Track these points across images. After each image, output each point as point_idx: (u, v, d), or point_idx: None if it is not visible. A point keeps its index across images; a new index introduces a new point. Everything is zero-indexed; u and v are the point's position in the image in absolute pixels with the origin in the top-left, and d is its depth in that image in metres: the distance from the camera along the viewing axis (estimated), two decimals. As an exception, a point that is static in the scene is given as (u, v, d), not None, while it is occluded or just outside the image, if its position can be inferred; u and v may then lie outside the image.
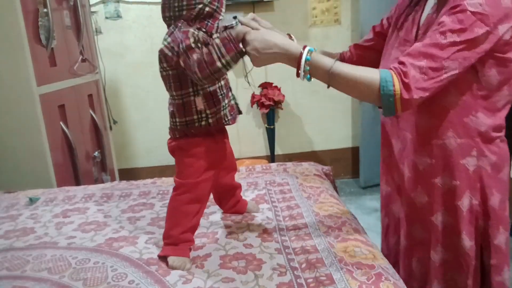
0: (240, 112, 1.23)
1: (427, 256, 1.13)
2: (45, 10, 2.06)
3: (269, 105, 3.14)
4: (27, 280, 1.06)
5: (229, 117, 1.16)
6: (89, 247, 1.22)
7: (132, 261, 1.12)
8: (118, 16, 3.15)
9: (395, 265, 1.23)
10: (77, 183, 2.27)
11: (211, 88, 1.12)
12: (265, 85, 3.22)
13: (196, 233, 1.20)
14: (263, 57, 1.00)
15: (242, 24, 1.03)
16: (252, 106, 3.28)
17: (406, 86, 0.94)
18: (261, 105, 3.17)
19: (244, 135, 3.35)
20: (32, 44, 1.96)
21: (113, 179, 2.75)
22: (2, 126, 1.99)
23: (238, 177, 1.40)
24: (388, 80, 0.95)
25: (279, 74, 3.18)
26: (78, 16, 2.45)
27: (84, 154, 2.42)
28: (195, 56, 1.02)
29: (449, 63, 0.94)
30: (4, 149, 2.00)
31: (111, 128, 2.96)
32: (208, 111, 1.12)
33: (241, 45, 1.01)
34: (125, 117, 3.32)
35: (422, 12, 1.11)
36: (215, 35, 1.08)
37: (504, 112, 1.07)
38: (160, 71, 1.12)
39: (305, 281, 0.98)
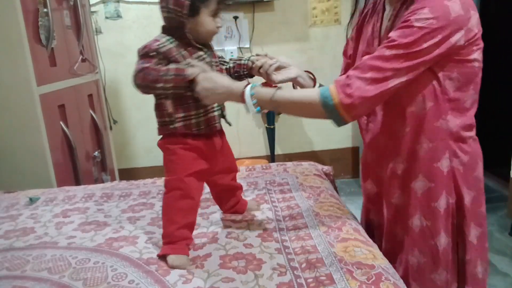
0: (220, 126, 1.22)
1: (406, 259, 1.15)
2: (45, 10, 2.06)
3: (269, 105, 3.13)
4: (27, 280, 1.06)
5: (202, 127, 1.16)
6: (89, 247, 1.22)
7: (132, 261, 1.12)
8: (118, 16, 3.15)
9: None
10: (77, 183, 2.27)
11: (183, 94, 1.13)
12: (265, 85, 3.22)
13: (196, 233, 1.20)
14: (212, 96, 1.09)
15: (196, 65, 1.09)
16: (252, 106, 3.28)
17: (347, 95, 0.99)
18: (261, 105, 3.16)
19: (244, 135, 3.35)
20: (32, 44, 1.96)
21: (113, 179, 2.75)
22: (2, 126, 1.99)
23: (238, 177, 1.40)
24: (326, 93, 1.01)
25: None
26: (78, 16, 2.45)
27: (84, 154, 2.42)
28: (144, 64, 1.08)
29: (394, 73, 0.98)
30: (4, 149, 2.00)
31: (111, 128, 2.96)
32: (175, 116, 1.13)
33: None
34: (125, 117, 3.32)
35: (381, 24, 1.15)
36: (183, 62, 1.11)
37: (472, 111, 1.09)
38: None
39: (305, 281, 0.98)
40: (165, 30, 1.14)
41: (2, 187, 1.87)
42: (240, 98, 1.08)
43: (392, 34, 1.00)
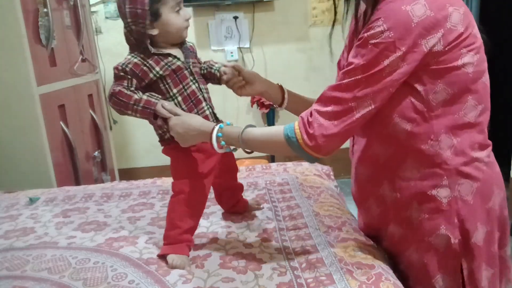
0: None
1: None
2: (45, 10, 2.06)
3: (269, 105, 3.14)
4: (27, 280, 1.06)
5: None
6: (89, 247, 1.22)
7: (132, 261, 1.12)
8: (118, 16, 3.15)
9: None
10: (77, 183, 2.27)
11: (175, 101, 1.13)
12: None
13: (196, 233, 1.20)
14: (187, 139, 1.08)
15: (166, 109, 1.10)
16: (252, 106, 3.28)
17: (309, 136, 0.90)
18: (261, 105, 3.16)
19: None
20: (32, 44, 1.96)
21: (113, 179, 2.75)
22: (2, 126, 1.99)
23: (238, 177, 1.40)
24: (291, 133, 0.93)
25: (279, 73, 3.18)
26: (78, 16, 2.45)
27: (84, 154, 2.42)
28: (116, 87, 1.10)
29: (357, 103, 0.87)
30: (4, 149, 2.00)
31: (111, 128, 2.96)
32: (165, 127, 1.12)
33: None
34: (125, 117, 3.30)
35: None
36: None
37: (481, 126, 0.92)
38: None
39: (305, 281, 0.98)
40: (130, 47, 1.14)
41: (2, 187, 1.87)
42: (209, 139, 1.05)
43: (350, 56, 0.88)
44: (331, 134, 0.89)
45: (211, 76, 1.22)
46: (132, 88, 1.10)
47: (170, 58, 1.13)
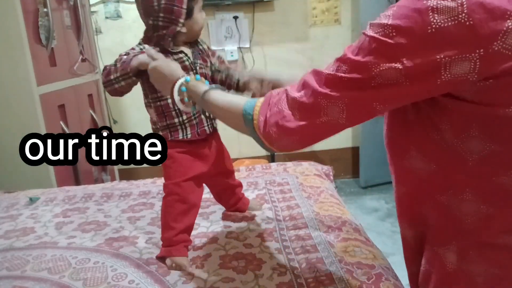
0: (214, 129, 1.21)
1: None
2: (45, 10, 2.06)
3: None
4: (27, 280, 1.06)
5: (188, 132, 1.15)
6: (89, 247, 1.22)
7: (132, 261, 1.12)
8: (118, 16, 3.15)
9: None
10: (77, 183, 2.27)
11: (162, 102, 1.13)
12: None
13: (196, 233, 1.20)
14: (162, 86, 0.99)
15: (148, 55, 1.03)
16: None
17: (264, 119, 0.73)
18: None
19: (244, 135, 3.35)
20: (32, 44, 1.96)
21: (113, 179, 2.75)
22: (2, 126, 1.99)
23: (238, 177, 1.40)
24: (249, 109, 0.76)
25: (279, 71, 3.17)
26: (78, 16, 2.45)
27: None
28: (107, 67, 1.10)
29: (328, 103, 0.65)
30: (4, 149, 2.00)
31: (111, 128, 2.96)
32: (159, 124, 1.14)
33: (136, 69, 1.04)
34: (125, 117, 3.32)
35: None
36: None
37: None
38: None
39: (305, 281, 0.98)
40: (145, 39, 1.13)
41: (2, 187, 1.87)
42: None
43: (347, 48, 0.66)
44: (286, 128, 0.70)
45: (229, 86, 1.21)
46: None
47: (181, 55, 1.13)
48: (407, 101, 0.63)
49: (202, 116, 1.17)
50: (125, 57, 1.08)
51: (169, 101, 1.12)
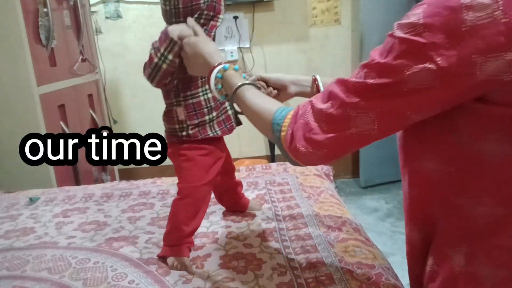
0: (239, 123, 1.20)
1: None
2: (45, 10, 2.06)
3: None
4: (27, 280, 1.06)
5: (217, 129, 1.14)
6: (89, 247, 1.22)
7: (132, 261, 1.12)
8: (118, 16, 3.15)
9: None
10: (77, 183, 2.27)
11: (194, 100, 1.11)
12: (265, 85, 3.22)
13: (196, 233, 1.20)
14: (192, 65, 0.95)
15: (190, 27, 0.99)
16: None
17: (292, 132, 0.71)
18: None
19: (244, 135, 3.35)
20: (32, 44, 1.96)
21: (113, 179, 2.75)
22: (2, 126, 1.99)
23: (238, 177, 1.40)
24: (279, 119, 0.73)
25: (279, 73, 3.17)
26: (78, 16, 2.45)
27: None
28: (146, 62, 1.05)
29: (358, 113, 0.62)
30: (4, 149, 2.00)
31: (111, 128, 2.96)
32: (188, 122, 1.11)
33: (175, 38, 0.98)
34: (125, 117, 3.32)
35: None
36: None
37: None
38: None
39: (305, 281, 0.98)
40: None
41: (2, 187, 1.87)
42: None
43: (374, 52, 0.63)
44: (314, 141, 0.67)
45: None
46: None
47: None
48: (440, 108, 0.60)
49: (229, 112, 1.16)
50: (157, 41, 1.04)
51: (202, 98, 1.10)
